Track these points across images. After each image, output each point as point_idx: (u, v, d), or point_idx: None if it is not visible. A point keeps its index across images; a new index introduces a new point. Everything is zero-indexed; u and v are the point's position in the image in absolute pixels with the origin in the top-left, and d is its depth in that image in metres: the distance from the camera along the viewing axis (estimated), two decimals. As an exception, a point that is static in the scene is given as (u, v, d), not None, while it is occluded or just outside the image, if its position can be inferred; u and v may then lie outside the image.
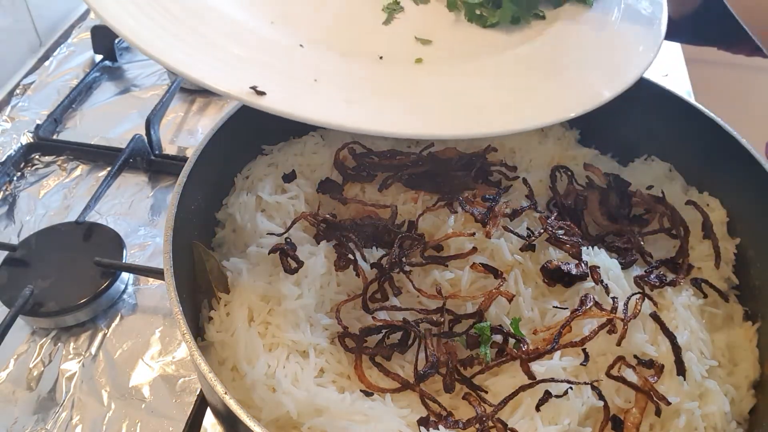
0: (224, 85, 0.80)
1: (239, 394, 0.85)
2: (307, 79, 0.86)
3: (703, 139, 1.08)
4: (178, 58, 0.80)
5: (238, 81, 0.81)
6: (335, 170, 1.13)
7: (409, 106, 0.87)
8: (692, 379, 0.85)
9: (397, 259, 0.96)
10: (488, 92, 0.90)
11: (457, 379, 0.86)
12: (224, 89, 0.80)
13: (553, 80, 0.92)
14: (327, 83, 0.86)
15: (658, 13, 1.00)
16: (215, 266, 0.96)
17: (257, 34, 0.90)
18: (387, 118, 0.83)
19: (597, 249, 0.98)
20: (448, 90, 0.89)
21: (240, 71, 0.83)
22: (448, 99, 0.88)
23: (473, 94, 0.89)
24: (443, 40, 0.97)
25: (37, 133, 1.54)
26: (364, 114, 0.83)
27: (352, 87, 0.87)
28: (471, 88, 0.90)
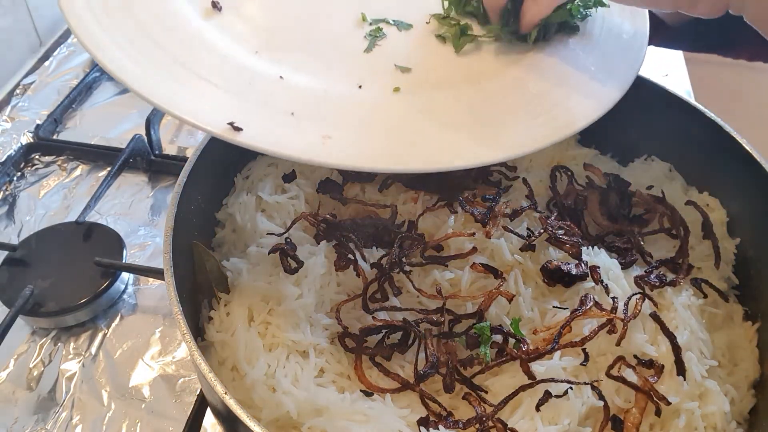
0: (203, 120, 0.80)
1: (239, 394, 0.85)
2: (284, 112, 0.85)
3: (703, 139, 1.08)
4: (160, 94, 0.81)
5: (217, 116, 0.81)
6: (335, 170, 1.13)
7: (385, 140, 0.86)
8: (692, 379, 0.85)
9: (397, 259, 0.96)
10: (462, 122, 0.89)
11: (457, 379, 0.86)
12: (203, 125, 0.80)
13: (529, 111, 0.91)
14: (304, 117, 0.85)
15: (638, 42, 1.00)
16: (215, 266, 0.96)
17: (240, 64, 0.89)
18: (361, 153, 0.83)
19: (597, 249, 0.98)
20: (421, 121, 0.89)
21: (219, 105, 0.83)
22: (421, 131, 0.87)
23: (447, 125, 0.89)
24: (423, 68, 0.96)
25: (37, 133, 1.54)
26: (338, 149, 0.82)
27: (328, 121, 0.86)
28: (445, 118, 0.89)
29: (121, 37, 0.84)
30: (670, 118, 1.12)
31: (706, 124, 1.07)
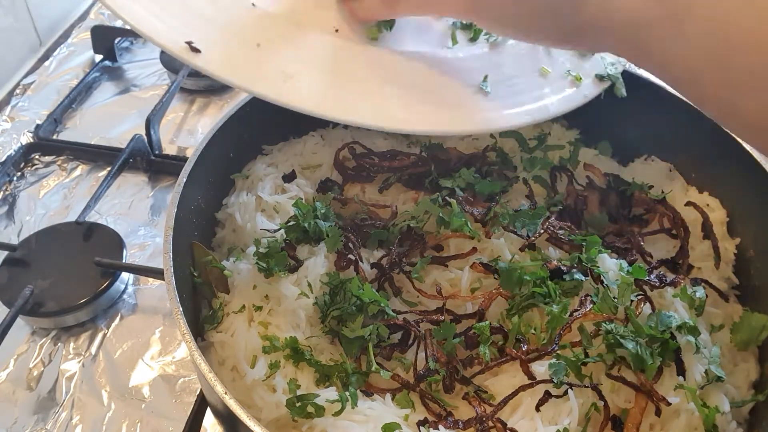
0: (161, 36, 0.76)
1: (239, 394, 0.85)
2: (250, 42, 0.81)
3: (703, 139, 1.08)
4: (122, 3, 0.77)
5: (177, 34, 0.77)
6: (335, 170, 1.13)
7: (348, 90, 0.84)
8: (692, 379, 0.85)
9: (397, 259, 0.96)
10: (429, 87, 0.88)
11: (457, 379, 0.86)
12: (159, 40, 0.76)
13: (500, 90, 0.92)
14: (269, 51, 0.82)
15: None
16: (215, 266, 0.96)
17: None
18: (320, 99, 0.80)
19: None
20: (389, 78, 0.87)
21: (182, 24, 0.79)
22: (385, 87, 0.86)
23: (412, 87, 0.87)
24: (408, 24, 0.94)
25: (37, 133, 1.54)
26: (298, 91, 0.79)
27: (293, 59, 0.82)
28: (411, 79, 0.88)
29: None
30: (670, 118, 1.12)
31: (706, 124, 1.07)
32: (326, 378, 0.86)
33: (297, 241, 0.96)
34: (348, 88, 0.84)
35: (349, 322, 0.88)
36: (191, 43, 0.77)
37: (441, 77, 0.91)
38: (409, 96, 0.87)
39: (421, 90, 0.89)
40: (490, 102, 0.90)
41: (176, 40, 0.77)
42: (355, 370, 0.86)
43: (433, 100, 0.88)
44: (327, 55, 0.86)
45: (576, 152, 1.16)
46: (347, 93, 0.84)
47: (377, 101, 0.85)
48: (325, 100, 0.82)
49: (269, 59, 0.82)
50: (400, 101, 0.86)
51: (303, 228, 0.96)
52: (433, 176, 1.08)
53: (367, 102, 0.84)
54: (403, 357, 0.89)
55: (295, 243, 0.96)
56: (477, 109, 0.90)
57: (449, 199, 1.01)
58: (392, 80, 0.88)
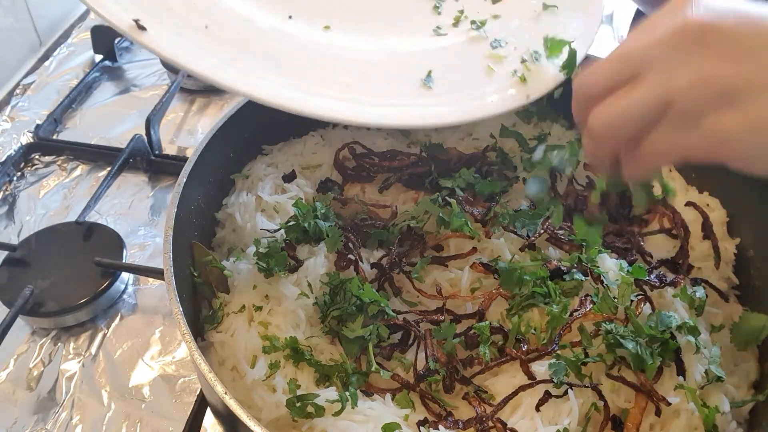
0: (107, 12, 0.77)
1: (239, 394, 0.85)
2: (198, 25, 0.82)
3: (703, 139, 1.08)
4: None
5: (125, 12, 0.78)
6: (335, 170, 1.13)
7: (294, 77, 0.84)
8: (692, 379, 0.85)
9: (397, 259, 0.96)
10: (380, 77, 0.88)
11: (457, 379, 0.86)
12: (106, 16, 0.77)
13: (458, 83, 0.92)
14: (217, 34, 0.82)
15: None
16: (215, 266, 0.96)
17: None
18: (267, 85, 0.81)
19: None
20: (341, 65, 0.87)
21: (129, 3, 0.79)
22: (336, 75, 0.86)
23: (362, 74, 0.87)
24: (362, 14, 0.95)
25: (37, 133, 1.54)
26: (243, 75, 0.80)
27: (241, 45, 0.83)
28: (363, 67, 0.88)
29: None
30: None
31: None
32: (326, 378, 0.86)
33: (297, 241, 0.96)
34: (291, 74, 0.85)
35: (349, 322, 0.88)
36: (138, 21, 0.78)
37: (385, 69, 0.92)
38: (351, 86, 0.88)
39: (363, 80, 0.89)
40: (432, 97, 0.91)
41: (123, 18, 0.78)
42: (355, 370, 0.86)
43: (372, 91, 0.89)
44: (275, 42, 0.87)
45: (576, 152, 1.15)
46: (289, 79, 0.84)
47: (318, 90, 0.85)
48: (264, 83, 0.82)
49: (216, 41, 0.82)
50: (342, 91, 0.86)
51: (303, 228, 0.96)
52: (433, 176, 1.08)
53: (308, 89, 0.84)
54: (403, 357, 0.89)
55: (295, 243, 0.96)
56: (418, 104, 0.90)
57: (449, 199, 1.01)
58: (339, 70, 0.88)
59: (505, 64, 0.97)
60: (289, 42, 0.88)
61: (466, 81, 0.94)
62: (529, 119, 1.20)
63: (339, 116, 0.85)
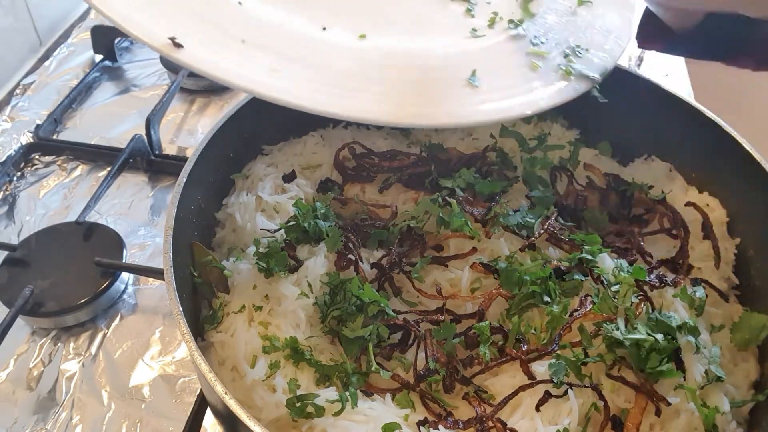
0: (142, 31, 0.76)
1: (239, 394, 0.85)
2: (235, 38, 0.82)
3: (703, 139, 1.08)
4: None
5: (160, 29, 0.77)
6: (335, 170, 1.13)
7: (333, 82, 0.84)
8: (692, 379, 0.85)
9: (397, 259, 0.96)
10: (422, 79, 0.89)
11: (457, 379, 0.86)
12: (142, 36, 0.76)
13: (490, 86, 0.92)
14: (255, 46, 0.82)
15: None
16: (215, 266, 0.96)
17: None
18: (307, 92, 0.81)
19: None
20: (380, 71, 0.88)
21: (165, 19, 0.79)
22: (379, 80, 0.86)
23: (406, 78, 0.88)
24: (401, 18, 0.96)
25: (37, 133, 1.54)
26: (284, 84, 0.80)
27: (280, 55, 0.83)
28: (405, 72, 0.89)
29: None
30: (670, 118, 1.12)
31: (706, 124, 1.07)
32: (326, 378, 0.86)
33: (297, 241, 0.96)
34: (331, 81, 0.85)
35: (349, 322, 0.88)
36: (174, 39, 0.77)
37: (429, 72, 0.92)
38: (395, 90, 0.88)
39: (407, 84, 0.89)
40: (479, 96, 0.91)
41: (159, 36, 0.77)
42: (355, 370, 0.86)
43: (421, 94, 0.89)
44: (314, 52, 0.86)
45: (576, 152, 1.16)
46: (329, 87, 0.84)
47: (364, 96, 0.85)
48: (311, 94, 0.82)
49: (253, 54, 0.82)
50: (388, 96, 0.87)
51: (303, 228, 0.96)
52: (433, 176, 1.08)
53: (349, 95, 0.84)
54: (403, 357, 0.89)
55: (295, 243, 0.96)
56: (466, 103, 0.90)
57: (449, 199, 1.01)
58: (380, 76, 0.89)
59: (549, 60, 0.98)
60: (327, 52, 0.88)
61: (512, 78, 0.95)
62: (529, 119, 1.20)
63: (393, 120, 0.85)
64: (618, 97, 1.05)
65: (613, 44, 1.01)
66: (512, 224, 0.99)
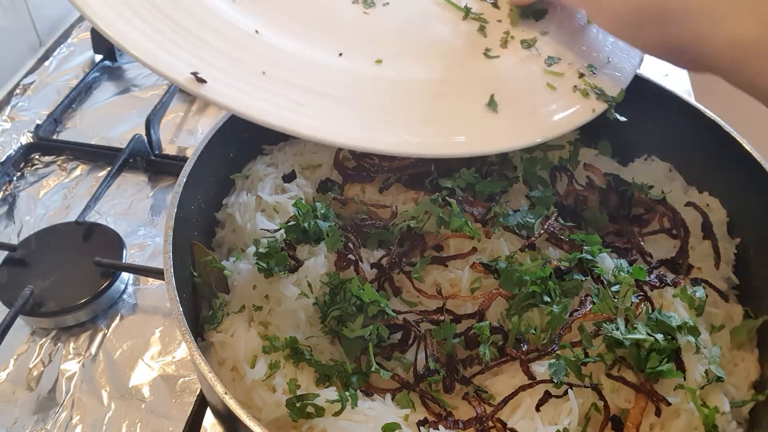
0: (165, 66, 0.76)
1: (239, 394, 0.85)
2: (255, 70, 0.81)
3: (703, 139, 1.08)
4: (125, 34, 0.76)
5: (181, 64, 0.77)
6: (335, 170, 1.13)
7: (359, 115, 0.84)
8: (692, 379, 0.85)
9: (397, 259, 0.96)
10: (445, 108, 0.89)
11: (457, 379, 0.86)
12: (165, 71, 0.76)
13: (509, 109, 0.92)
14: (276, 78, 0.82)
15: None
16: (215, 266, 0.96)
17: (214, 10, 0.84)
18: (333, 126, 0.81)
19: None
20: (401, 100, 0.88)
21: (186, 54, 0.79)
22: (399, 110, 0.86)
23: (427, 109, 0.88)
24: (415, 42, 0.95)
25: (37, 133, 1.54)
26: (308, 119, 0.80)
27: (301, 87, 0.83)
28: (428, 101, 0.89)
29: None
30: (670, 118, 1.12)
31: (706, 124, 1.07)
32: (326, 378, 0.86)
33: (297, 241, 0.96)
34: (357, 113, 0.85)
35: (349, 322, 0.88)
36: (197, 74, 0.77)
37: (446, 99, 0.92)
38: (418, 119, 0.88)
39: (430, 112, 0.89)
40: (500, 121, 0.91)
41: (181, 71, 0.77)
42: (355, 370, 0.86)
43: (443, 121, 0.89)
44: (333, 81, 0.86)
45: (576, 152, 1.16)
46: (357, 119, 0.84)
47: (387, 126, 0.85)
48: (336, 127, 0.82)
49: (276, 87, 0.82)
50: (410, 125, 0.86)
51: (303, 228, 0.96)
52: (433, 176, 1.08)
53: (377, 127, 0.84)
54: (403, 357, 0.89)
55: (295, 243, 0.96)
56: (487, 129, 0.90)
57: (449, 199, 1.01)
58: (401, 104, 0.88)
59: (564, 80, 0.97)
60: (346, 79, 0.87)
61: (530, 101, 0.94)
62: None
63: (413, 151, 0.85)
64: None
65: (626, 62, 1.01)
66: (512, 224, 0.99)
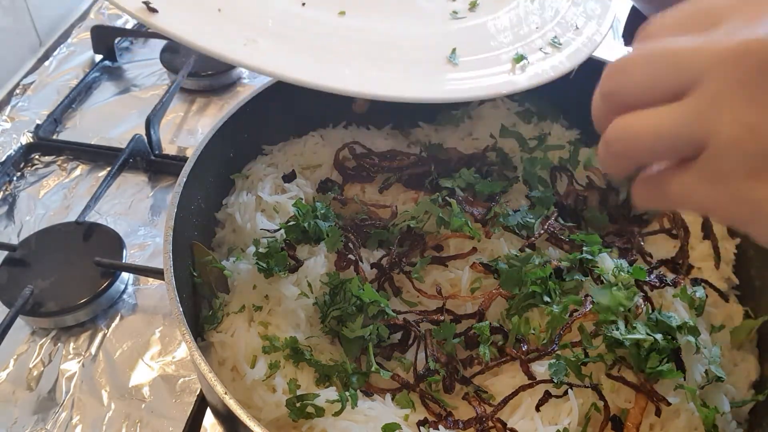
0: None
1: (239, 394, 0.85)
2: (211, 7, 0.82)
3: (703, 139, 1.08)
4: None
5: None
6: (335, 170, 1.13)
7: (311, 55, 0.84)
8: (692, 379, 0.85)
9: (397, 259, 0.96)
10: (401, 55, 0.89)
11: (457, 379, 0.86)
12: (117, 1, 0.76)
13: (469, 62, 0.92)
14: (231, 17, 0.82)
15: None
16: (215, 266, 0.96)
17: None
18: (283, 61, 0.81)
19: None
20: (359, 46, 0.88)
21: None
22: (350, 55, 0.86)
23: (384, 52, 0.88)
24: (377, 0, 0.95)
25: (37, 133, 1.53)
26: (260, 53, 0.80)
27: (257, 27, 0.83)
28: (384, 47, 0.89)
29: None
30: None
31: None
32: (326, 378, 0.86)
33: (297, 241, 0.96)
34: (309, 53, 0.85)
35: (349, 322, 0.88)
36: (149, 3, 0.77)
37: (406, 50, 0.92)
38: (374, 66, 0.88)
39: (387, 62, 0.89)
40: (459, 73, 0.91)
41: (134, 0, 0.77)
42: (355, 370, 0.86)
43: (400, 70, 0.89)
44: (292, 25, 0.87)
45: (576, 152, 1.16)
46: (311, 60, 0.84)
47: (339, 66, 0.85)
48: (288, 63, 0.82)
49: (230, 23, 0.82)
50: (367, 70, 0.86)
51: (303, 228, 0.96)
52: (433, 176, 1.08)
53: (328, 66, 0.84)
54: (403, 357, 0.89)
55: (295, 243, 0.96)
56: (443, 80, 0.90)
57: (449, 199, 1.01)
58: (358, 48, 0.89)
59: (529, 43, 0.97)
60: (306, 24, 0.88)
61: (492, 58, 0.94)
62: (529, 119, 1.20)
63: (368, 91, 0.84)
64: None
65: (593, 31, 1.02)
66: (512, 224, 0.99)
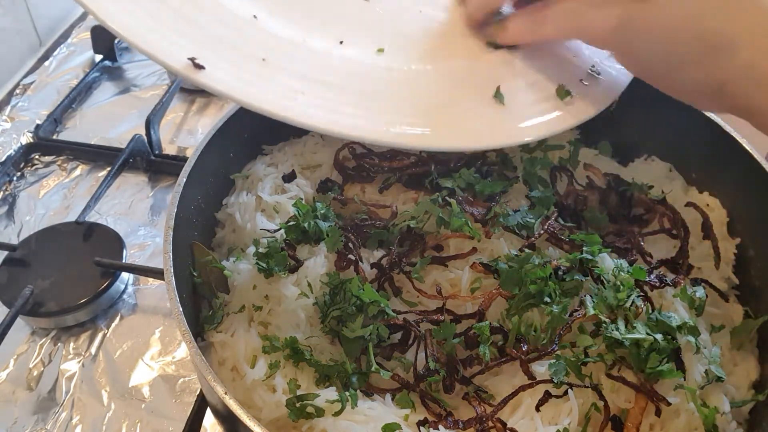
0: (161, 52, 0.74)
1: (239, 394, 0.85)
2: (254, 57, 0.79)
3: (703, 139, 1.08)
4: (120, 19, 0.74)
5: (178, 50, 0.74)
6: (335, 170, 1.13)
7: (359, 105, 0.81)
8: (692, 379, 0.85)
9: (397, 259, 0.96)
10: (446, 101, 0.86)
11: (457, 379, 0.86)
12: (161, 58, 0.74)
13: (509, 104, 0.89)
14: (275, 66, 0.80)
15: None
16: (215, 266, 0.96)
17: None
18: (333, 116, 0.79)
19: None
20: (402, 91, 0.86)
21: (183, 39, 0.76)
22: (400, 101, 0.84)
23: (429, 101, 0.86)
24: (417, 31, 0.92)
25: (37, 133, 1.54)
26: (309, 108, 0.78)
27: (301, 74, 0.81)
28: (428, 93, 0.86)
29: None
30: (670, 118, 1.11)
31: (706, 124, 1.07)
32: (326, 378, 0.86)
33: (297, 241, 0.96)
34: (360, 104, 0.83)
35: (349, 322, 0.88)
36: (194, 59, 0.74)
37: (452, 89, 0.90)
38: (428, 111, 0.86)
39: (436, 103, 0.87)
40: (511, 113, 0.89)
41: (178, 57, 0.74)
42: (355, 370, 0.86)
43: (450, 113, 0.86)
44: (335, 69, 0.84)
45: (576, 152, 1.16)
46: (359, 109, 0.82)
47: (392, 117, 0.83)
48: (339, 117, 0.80)
49: (276, 74, 0.80)
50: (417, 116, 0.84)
51: (303, 228, 0.96)
52: (433, 176, 1.08)
53: (380, 118, 0.82)
54: (403, 357, 0.89)
55: (295, 243, 0.96)
56: (500, 122, 0.88)
57: (449, 199, 1.01)
58: (406, 94, 0.86)
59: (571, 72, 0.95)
60: (349, 70, 0.85)
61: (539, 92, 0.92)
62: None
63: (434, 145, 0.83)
64: (618, 98, 1.06)
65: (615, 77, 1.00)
66: (512, 224, 0.99)
